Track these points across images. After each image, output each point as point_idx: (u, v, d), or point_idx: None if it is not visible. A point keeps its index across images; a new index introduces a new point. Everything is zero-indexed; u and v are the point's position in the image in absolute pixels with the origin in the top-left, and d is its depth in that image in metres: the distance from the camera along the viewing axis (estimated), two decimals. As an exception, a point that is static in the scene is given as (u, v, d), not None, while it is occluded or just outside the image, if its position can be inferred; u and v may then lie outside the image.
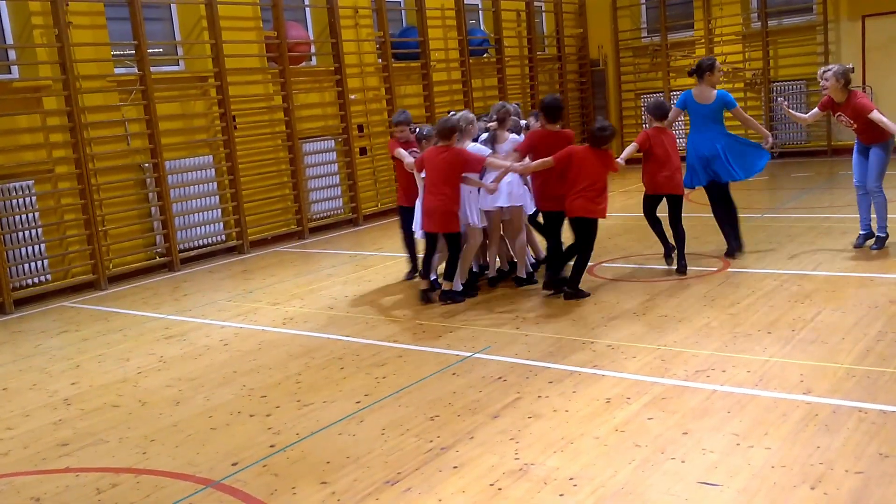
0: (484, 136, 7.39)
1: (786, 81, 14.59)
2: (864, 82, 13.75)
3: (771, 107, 14.70)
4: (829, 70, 7.27)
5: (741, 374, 4.75)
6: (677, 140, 7.56)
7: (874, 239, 7.48)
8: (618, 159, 7.07)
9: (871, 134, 7.25)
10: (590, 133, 6.89)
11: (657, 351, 5.29)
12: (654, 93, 16.00)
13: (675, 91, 15.78)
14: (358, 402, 4.89)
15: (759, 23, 14.75)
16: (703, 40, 15.23)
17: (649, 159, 7.25)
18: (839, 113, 7.35)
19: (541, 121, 7.12)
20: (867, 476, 3.47)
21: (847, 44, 13.93)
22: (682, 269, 7.21)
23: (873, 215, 7.48)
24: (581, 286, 6.80)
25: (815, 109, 7.65)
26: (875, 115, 7.12)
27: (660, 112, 7.35)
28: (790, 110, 7.79)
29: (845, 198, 10.26)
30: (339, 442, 4.35)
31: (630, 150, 7.28)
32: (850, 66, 7.49)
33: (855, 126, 7.32)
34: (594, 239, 6.85)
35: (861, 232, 7.55)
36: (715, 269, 7.27)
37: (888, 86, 13.61)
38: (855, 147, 7.55)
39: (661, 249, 7.54)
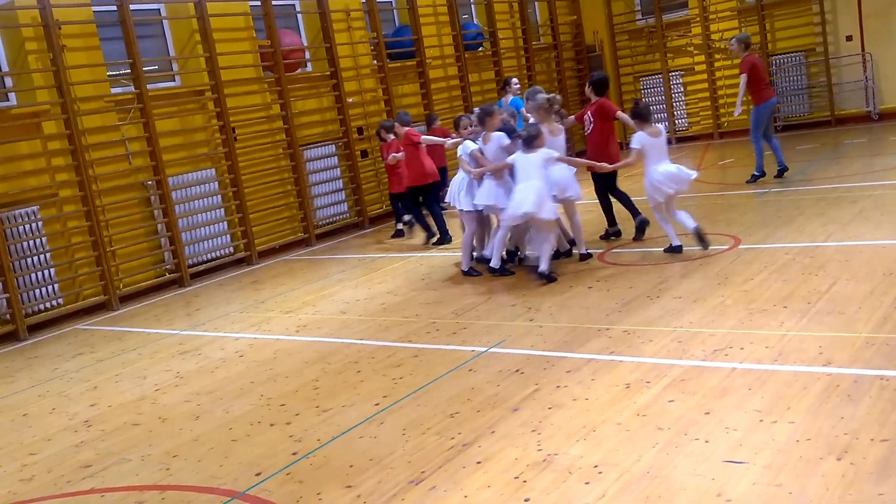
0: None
1: (784, 54, 14.50)
2: (862, 50, 13.67)
3: (771, 80, 14.59)
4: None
5: (759, 351, 4.72)
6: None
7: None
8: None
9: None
10: None
11: (673, 333, 5.26)
12: (653, 75, 15.94)
13: (673, 72, 15.73)
14: (377, 404, 4.88)
15: (753, -3, 14.67)
16: (698, 18, 15.15)
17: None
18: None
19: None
20: (893, 444, 3.44)
21: (843, 12, 13.83)
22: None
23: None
24: (590, 276, 6.79)
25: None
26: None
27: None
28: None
29: (852, 167, 10.22)
30: (361, 445, 4.35)
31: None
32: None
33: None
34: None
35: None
36: (726, 247, 7.23)
37: (886, 52, 13.52)
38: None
39: (665, 240, 7.51)
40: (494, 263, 7.51)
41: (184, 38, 10.39)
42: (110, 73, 9.64)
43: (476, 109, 7.97)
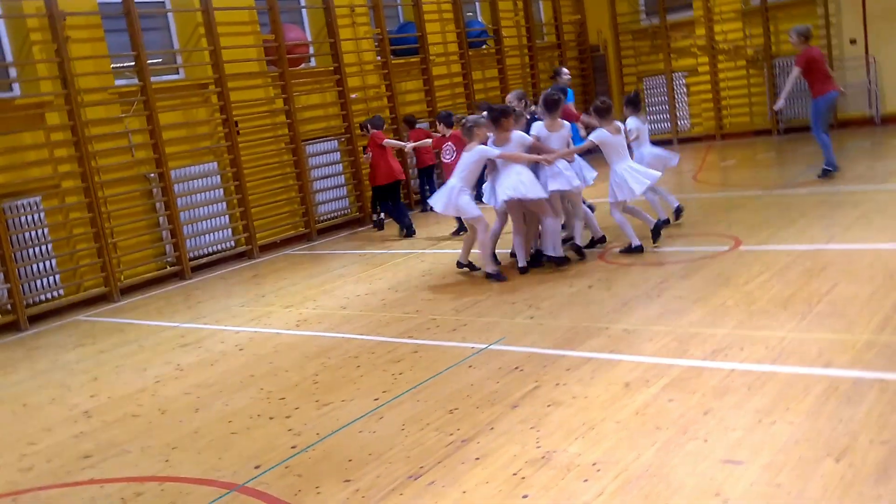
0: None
1: (788, 57, 14.48)
2: (867, 52, 13.65)
3: (775, 83, 14.62)
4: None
5: (760, 351, 4.73)
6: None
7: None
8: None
9: None
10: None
11: (673, 332, 5.26)
12: (656, 75, 15.92)
13: (676, 72, 15.72)
14: (376, 399, 4.89)
15: (758, -2, 14.66)
16: (702, 19, 15.14)
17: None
18: None
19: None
20: (892, 446, 3.45)
21: (848, 15, 13.82)
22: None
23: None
24: (594, 274, 6.80)
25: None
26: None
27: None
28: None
29: (854, 170, 10.21)
30: (360, 439, 4.36)
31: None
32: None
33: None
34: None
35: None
36: (727, 247, 7.23)
37: (890, 56, 13.51)
38: None
39: (670, 231, 7.54)
40: (635, 244, 7.46)
41: (188, 30, 10.39)
42: (114, 64, 9.64)
43: (544, 96, 7.77)
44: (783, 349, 4.71)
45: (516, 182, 7.11)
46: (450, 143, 9.71)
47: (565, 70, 11.11)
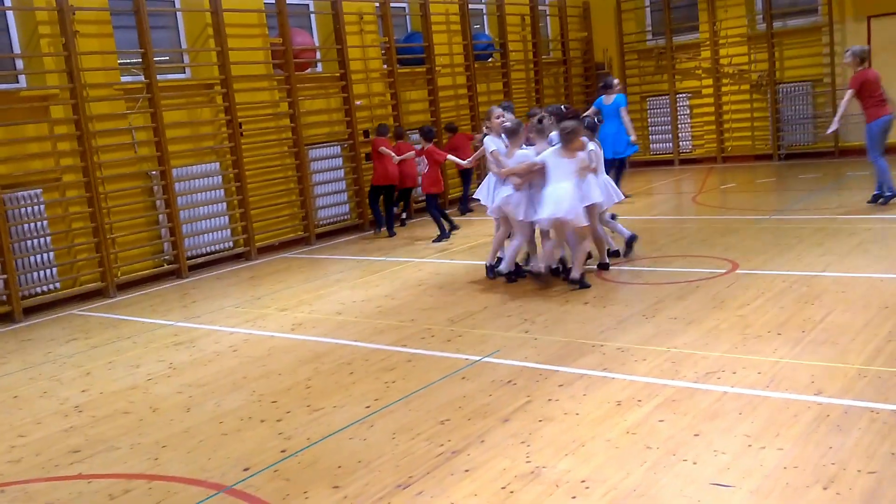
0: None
1: (792, 83, 14.58)
2: (870, 83, 13.70)
3: (777, 108, 14.70)
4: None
5: (752, 376, 4.74)
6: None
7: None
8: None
9: None
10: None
11: (667, 353, 5.28)
12: (661, 95, 15.99)
13: (680, 93, 15.79)
14: (368, 407, 4.90)
15: (764, 24, 14.73)
16: (708, 42, 15.23)
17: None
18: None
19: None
20: (880, 476, 3.46)
21: (853, 44, 13.84)
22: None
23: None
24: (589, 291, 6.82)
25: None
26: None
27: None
28: None
29: (854, 199, 10.25)
30: (351, 446, 4.36)
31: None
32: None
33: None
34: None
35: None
36: (723, 270, 7.25)
37: (895, 85, 13.55)
38: None
39: (667, 252, 7.55)
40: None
41: (196, 31, 10.43)
42: (121, 61, 9.67)
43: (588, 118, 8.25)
44: (775, 375, 4.72)
45: (600, 187, 7.56)
46: (423, 156, 10.71)
47: (616, 80, 11.32)
